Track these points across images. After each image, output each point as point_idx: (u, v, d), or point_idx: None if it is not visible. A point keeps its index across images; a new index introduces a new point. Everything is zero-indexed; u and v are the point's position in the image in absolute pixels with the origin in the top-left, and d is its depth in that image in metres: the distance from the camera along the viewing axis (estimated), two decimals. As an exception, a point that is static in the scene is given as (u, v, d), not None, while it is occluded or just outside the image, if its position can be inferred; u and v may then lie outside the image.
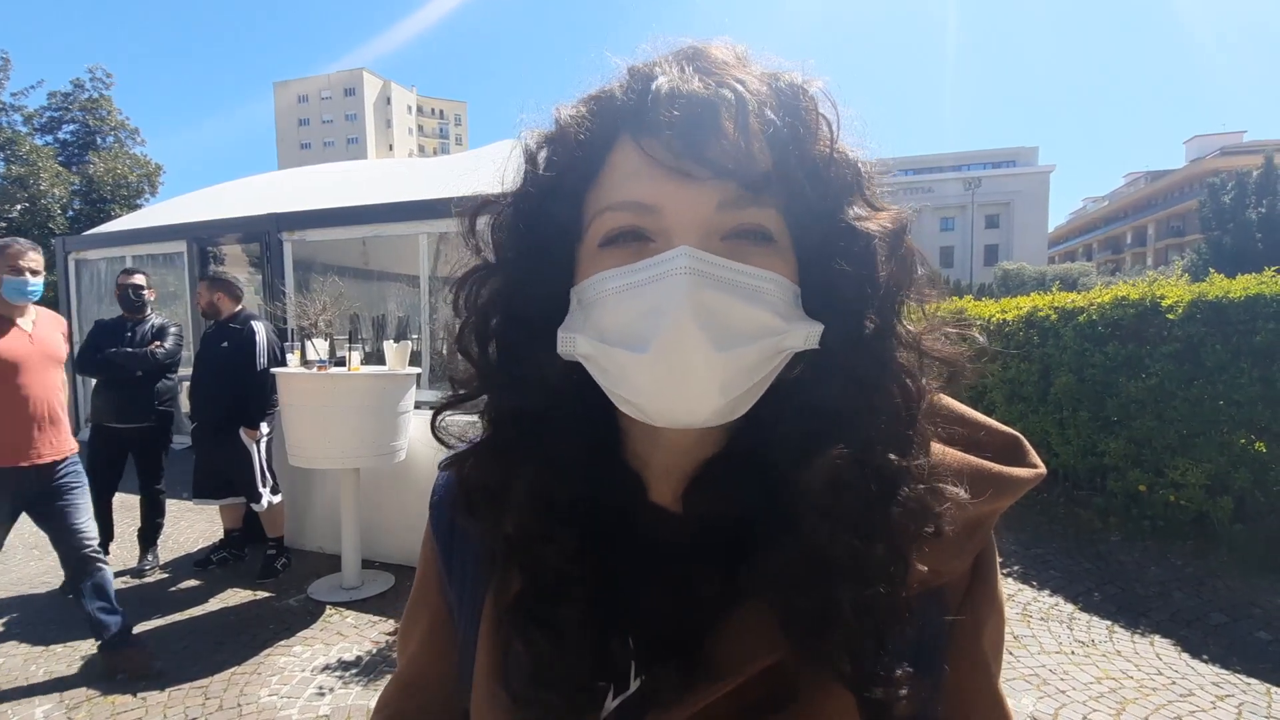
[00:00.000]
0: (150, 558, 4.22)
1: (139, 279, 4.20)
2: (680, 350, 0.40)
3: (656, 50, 0.47)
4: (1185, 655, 3.08)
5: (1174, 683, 2.86)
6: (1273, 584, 3.70)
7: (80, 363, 4.15)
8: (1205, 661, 3.02)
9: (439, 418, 0.54)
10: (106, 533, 4.11)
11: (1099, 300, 4.87)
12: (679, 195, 0.41)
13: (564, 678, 0.45)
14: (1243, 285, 4.13)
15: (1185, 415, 4.19)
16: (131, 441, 4.14)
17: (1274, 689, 2.78)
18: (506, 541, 0.49)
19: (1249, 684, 2.82)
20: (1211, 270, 5.31)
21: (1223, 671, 2.93)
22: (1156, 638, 3.25)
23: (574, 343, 0.44)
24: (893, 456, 0.44)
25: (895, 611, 0.44)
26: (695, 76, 0.43)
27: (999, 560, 0.53)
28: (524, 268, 0.47)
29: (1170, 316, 4.30)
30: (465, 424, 0.54)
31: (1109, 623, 3.41)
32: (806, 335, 0.43)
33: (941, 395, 0.50)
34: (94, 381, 4.27)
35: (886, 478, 0.44)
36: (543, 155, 0.48)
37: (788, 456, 0.44)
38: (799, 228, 0.44)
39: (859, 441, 0.43)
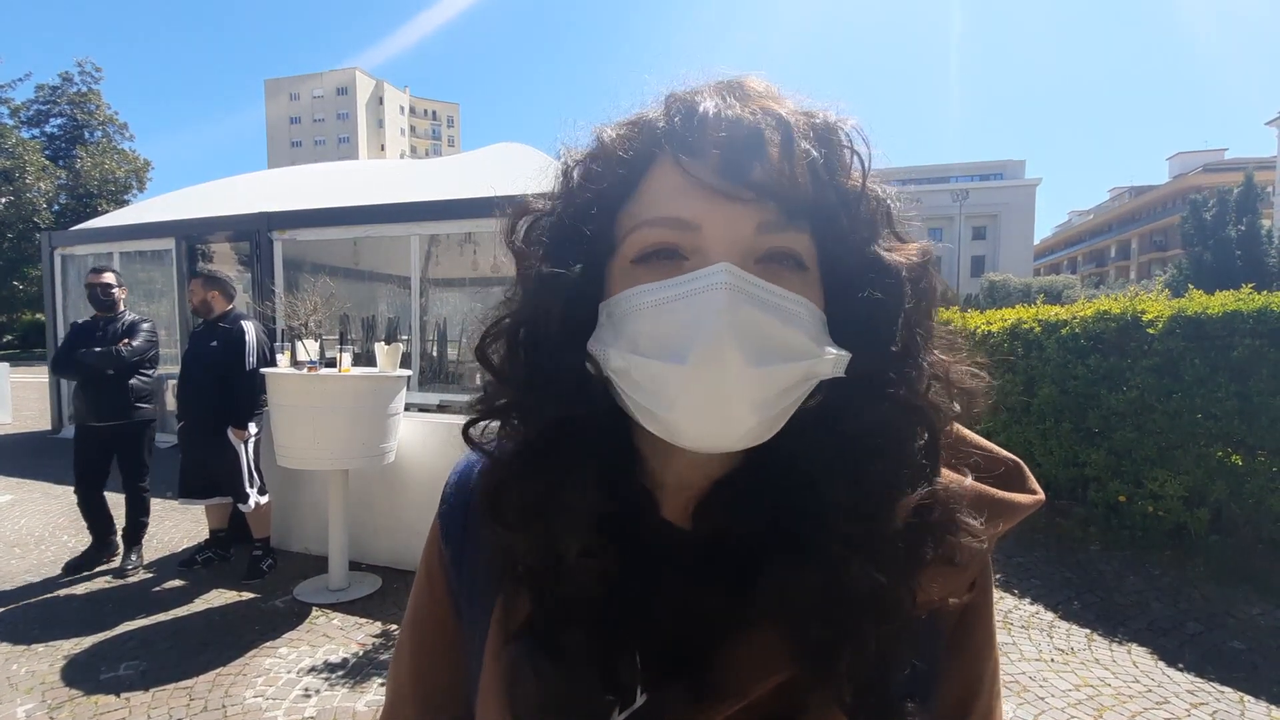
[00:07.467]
0: (134, 557, 4.17)
1: (108, 278, 4.20)
2: (718, 363, 0.39)
3: (691, 80, 0.47)
4: (1162, 664, 3.14)
5: (1150, 690, 2.91)
6: (1247, 594, 3.78)
7: (54, 364, 4.26)
8: (1181, 670, 3.07)
9: (472, 428, 0.52)
10: (106, 525, 4.21)
11: (1082, 314, 4.94)
12: (720, 214, 0.42)
13: (572, 703, 0.46)
14: (1221, 301, 4.23)
15: (1164, 428, 4.28)
16: (112, 440, 4.13)
17: (1247, 697, 2.84)
18: (532, 555, 0.48)
19: (1223, 692, 2.89)
20: (1191, 286, 5.41)
21: (1198, 680, 2.99)
22: (1134, 646, 3.31)
23: (605, 357, 0.44)
24: (918, 488, 0.44)
25: (902, 641, 0.44)
26: (737, 103, 0.44)
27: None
28: (554, 279, 0.46)
29: (1151, 331, 4.39)
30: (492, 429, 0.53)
31: (1088, 631, 3.47)
32: (835, 362, 0.43)
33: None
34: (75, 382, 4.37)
35: (911, 509, 0.44)
36: (578, 171, 0.49)
37: (809, 482, 0.44)
38: (829, 258, 0.45)
39: (886, 471, 0.43)
